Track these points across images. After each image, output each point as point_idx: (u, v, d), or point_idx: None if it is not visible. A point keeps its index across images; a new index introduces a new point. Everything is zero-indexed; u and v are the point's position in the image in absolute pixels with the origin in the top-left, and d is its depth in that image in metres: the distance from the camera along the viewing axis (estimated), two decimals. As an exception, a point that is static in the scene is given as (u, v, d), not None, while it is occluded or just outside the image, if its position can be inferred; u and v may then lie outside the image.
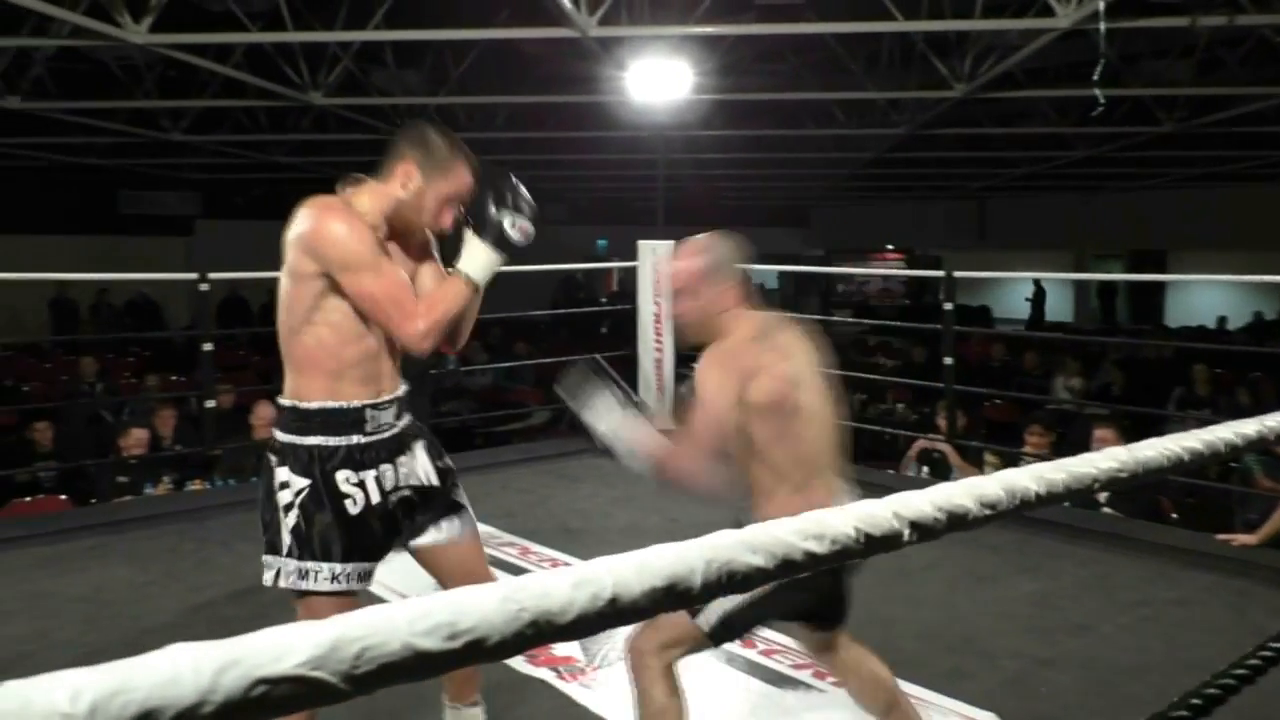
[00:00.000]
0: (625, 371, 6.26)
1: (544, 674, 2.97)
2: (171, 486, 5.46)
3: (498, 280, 2.15)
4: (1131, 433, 4.57)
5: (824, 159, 13.88)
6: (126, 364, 11.04)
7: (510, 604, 0.40)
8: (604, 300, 19.53)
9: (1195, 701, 0.89)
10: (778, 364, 2.09)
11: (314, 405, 2.01)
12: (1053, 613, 3.48)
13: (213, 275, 5.11)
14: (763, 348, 2.11)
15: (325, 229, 1.95)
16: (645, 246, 6.17)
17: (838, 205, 22.74)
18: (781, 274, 22.30)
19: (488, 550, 4.16)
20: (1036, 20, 6.49)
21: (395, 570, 2.24)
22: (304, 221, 1.96)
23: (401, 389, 2.14)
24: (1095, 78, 5.43)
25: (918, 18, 6.96)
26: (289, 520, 1.99)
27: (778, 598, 2.02)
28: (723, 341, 2.13)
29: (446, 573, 2.19)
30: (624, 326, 6.54)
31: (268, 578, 2.03)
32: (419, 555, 2.19)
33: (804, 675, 2.98)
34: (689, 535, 0.51)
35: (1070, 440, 6.01)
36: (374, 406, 2.04)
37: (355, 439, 2.02)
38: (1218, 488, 5.72)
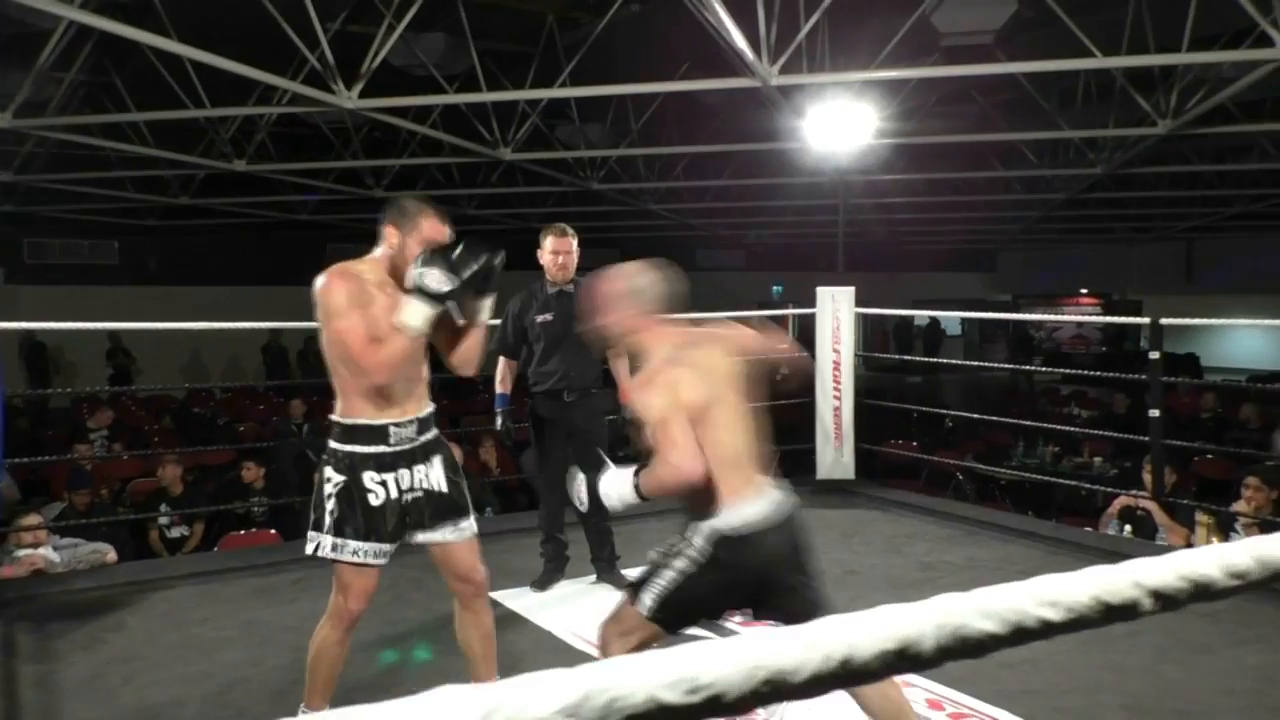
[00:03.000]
0: (804, 418, 6.19)
1: (724, 725, 2.94)
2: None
3: None
4: (1371, 495, 4.14)
5: (1012, 200, 13.39)
6: (330, 405, 11.75)
7: (747, 662, 0.40)
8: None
9: None
10: (690, 378, 2.33)
11: (351, 421, 2.57)
12: (1281, 691, 3.17)
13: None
14: (677, 365, 2.34)
15: (318, 287, 2.49)
16: (824, 293, 6.10)
17: (1027, 248, 21.82)
18: (965, 320, 21.56)
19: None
20: (1253, 51, 6.07)
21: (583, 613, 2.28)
22: (315, 285, 2.51)
23: (426, 410, 2.67)
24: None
25: (1118, 53, 6.65)
26: (329, 506, 2.55)
27: (692, 583, 2.29)
28: (646, 365, 2.41)
29: (444, 564, 2.73)
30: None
31: (309, 548, 2.60)
32: (427, 547, 2.71)
33: (937, 715, 2.82)
34: (870, 585, 0.50)
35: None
36: (397, 424, 2.58)
37: (381, 448, 2.57)
38: None
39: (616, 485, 2.44)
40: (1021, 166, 10.94)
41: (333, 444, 2.60)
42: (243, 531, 5.69)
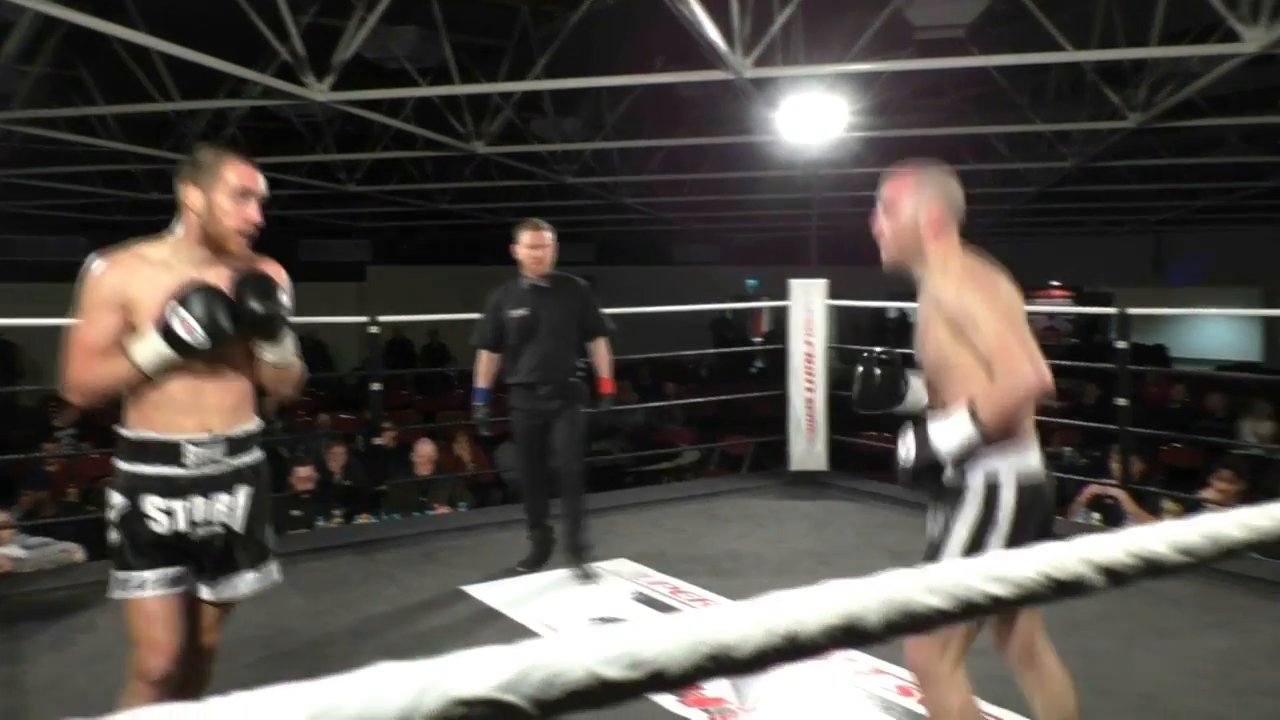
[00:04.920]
0: (776, 411, 6.21)
1: (695, 714, 2.95)
2: (341, 519, 5.73)
3: (650, 320, 2.25)
4: (1334, 482, 4.21)
5: (984, 194, 13.47)
6: (303, 403, 11.69)
7: (691, 637, 0.40)
8: (756, 340, 19.45)
9: None
10: (1012, 291, 2.09)
11: (133, 435, 2.14)
12: (1245, 672, 3.22)
13: (381, 319, 5.37)
14: (985, 271, 2.10)
15: (81, 274, 2.11)
16: (797, 286, 6.13)
17: (999, 241, 21.99)
18: (939, 313, 21.59)
19: (637, 587, 4.19)
20: (1220, 46, 6.13)
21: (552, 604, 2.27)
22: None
23: (241, 429, 2.21)
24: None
25: (1088, 47, 6.70)
26: (112, 536, 2.16)
27: (998, 538, 2.01)
28: (945, 266, 2.11)
29: (198, 623, 2.25)
30: (776, 366, 6.50)
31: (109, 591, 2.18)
32: (196, 590, 2.23)
33: (908, 701, 2.85)
34: (841, 575, 0.50)
35: (1262, 489, 5.58)
36: (195, 442, 2.13)
37: (169, 470, 2.12)
38: None
39: (951, 430, 2.02)
40: (993, 160, 11.01)
41: (115, 462, 2.18)
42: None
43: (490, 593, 4.11)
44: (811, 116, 7.95)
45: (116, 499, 2.16)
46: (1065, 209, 16.02)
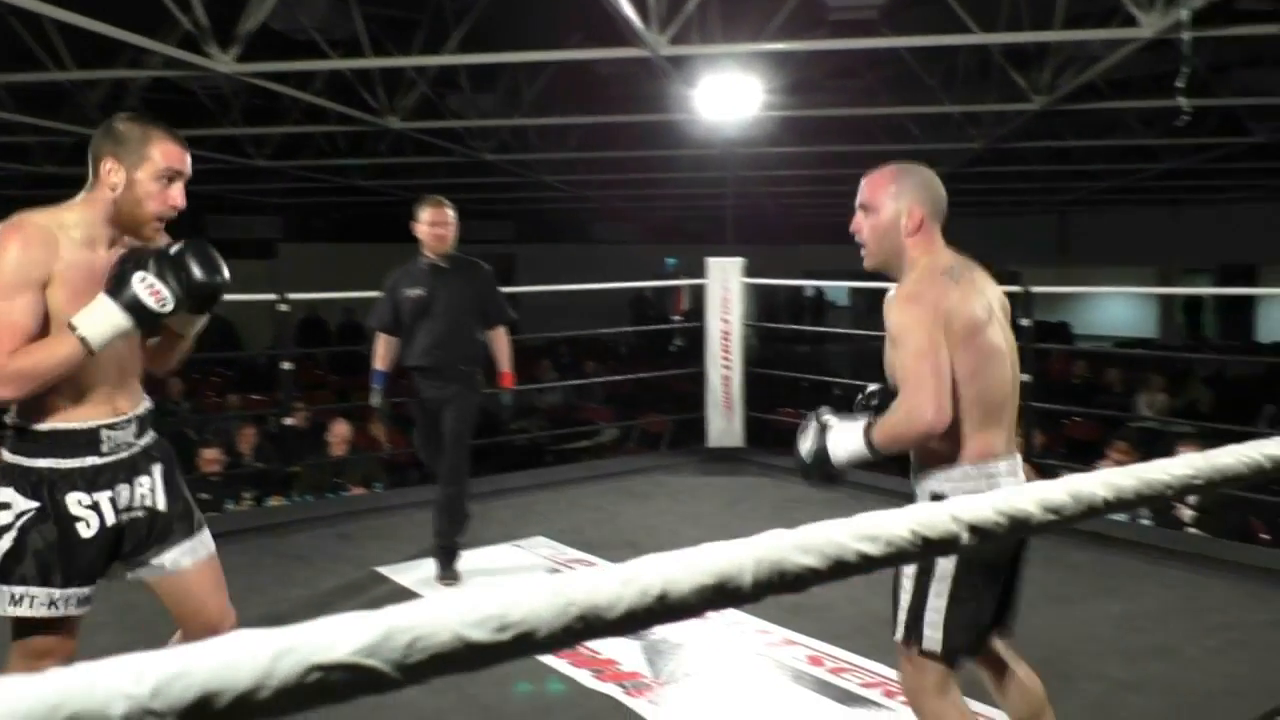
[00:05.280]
0: (695, 388, 6.26)
1: (611, 689, 2.97)
2: (252, 502, 5.61)
3: (569, 299, 2.14)
4: (1220, 452, 4.41)
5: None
6: (211, 384, 11.39)
7: (560, 599, 0.40)
8: (675, 319, 19.54)
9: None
10: (969, 299, 2.01)
11: (44, 427, 1.93)
12: (1135, 635, 3.37)
13: (291, 296, 5.25)
14: (952, 280, 2.02)
15: None
16: (714, 264, 6.17)
17: (912, 221, 22.43)
18: (853, 291, 21.99)
19: (555, 566, 4.20)
20: (1119, 30, 6.33)
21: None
22: None
23: (144, 406, 2.08)
24: (1179, 86, 5.28)
25: (995, 30, 6.85)
26: (2, 544, 1.90)
27: (965, 584, 1.98)
28: (910, 274, 2.05)
29: (176, 599, 2.11)
30: (694, 345, 6.55)
31: None
32: (147, 584, 2.10)
33: (873, 694, 2.93)
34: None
35: (1155, 459, 5.82)
36: (110, 426, 1.98)
37: (91, 460, 1.95)
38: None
39: (844, 438, 2.02)
40: (906, 141, 11.20)
41: (13, 459, 1.93)
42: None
43: (406, 574, 4.07)
44: (728, 95, 7.99)
45: (16, 499, 1.91)
46: (975, 190, 16.42)
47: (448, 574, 3.99)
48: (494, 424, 8.61)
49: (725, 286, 6.11)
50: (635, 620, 0.42)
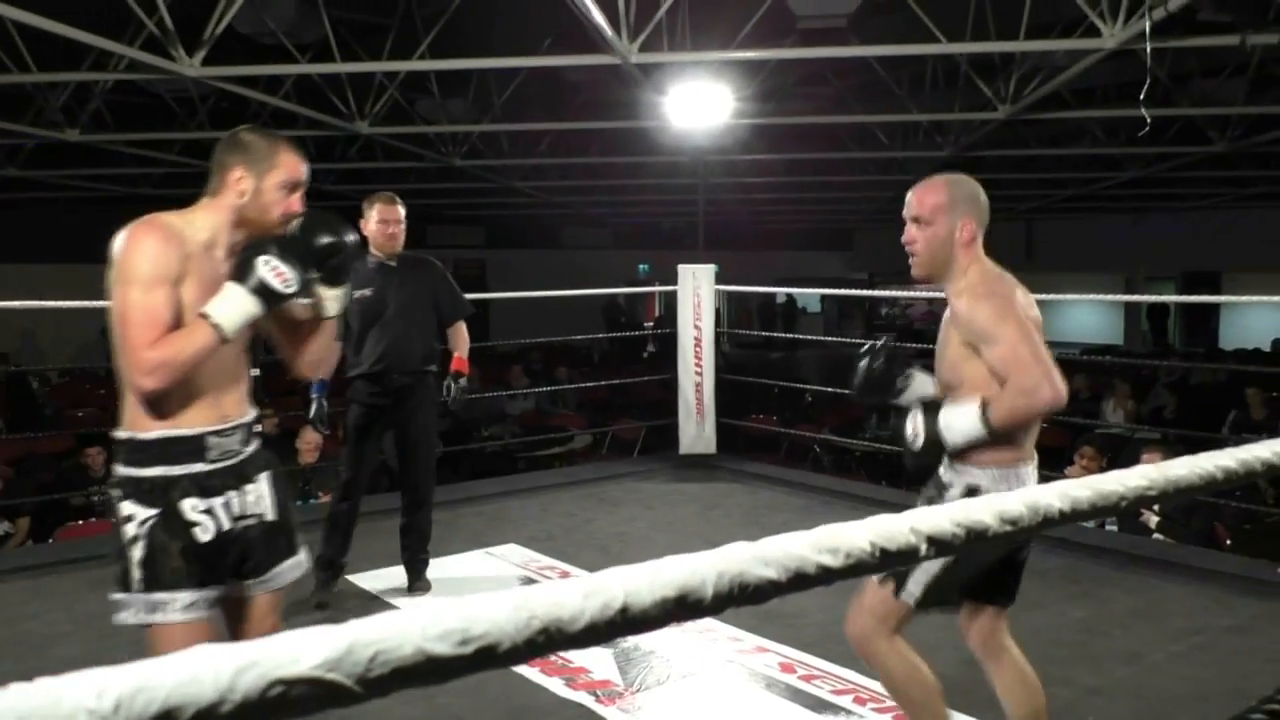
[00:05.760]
0: (667, 395, 6.27)
1: (582, 698, 2.97)
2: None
3: (541, 305, 2.16)
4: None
5: (867, 182, 13.82)
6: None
7: (522, 612, 0.40)
8: (647, 325, 19.57)
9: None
10: (1029, 301, 2.13)
11: (151, 436, 1.96)
12: (1102, 640, 3.41)
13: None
14: (1006, 282, 2.13)
15: (118, 244, 1.91)
16: (685, 271, 6.19)
17: (882, 228, 22.63)
18: (824, 297, 22.17)
19: (526, 572, 4.19)
20: (1082, 40, 6.43)
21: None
22: (115, 241, 1.93)
23: (250, 414, 2.12)
24: (1141, 98, 5.36)
25: (961, 39, 6.93)
26: (135, 555, 1.94)
27: (965, 557, 2.05)
28: (964, 278, 2.14)
29: (248, 615, 2.13)
30: (666, 351, 6.56)
31: (119, 617, 1.97)
32: (240, 592, 2.10)
33: (843, 700, 2.95)
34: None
35: (1121, 465, 5.90)
36: (217, 433, 2.01)
37: (198, 467, 1.99)
38: (1277, 513, 5.58)
39: (959, 419, 2.08)
40: (874, 148, 11.30)
41: (126, 470, 1.97)
42: (81, 522, 5.39)
43: (375, 581, 4.05)
44: (698, 103, 8.02)
45: (138, 510, 1.94)
46: (943, 197, 16.56)
47: (419, 583, 3.96)
48: (465, 431, 8.59)
49: (697, 293, 6.13)
50: (597, 633, 0.42)
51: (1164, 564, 4.16)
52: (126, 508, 1.96)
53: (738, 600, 0.48)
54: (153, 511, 1.95)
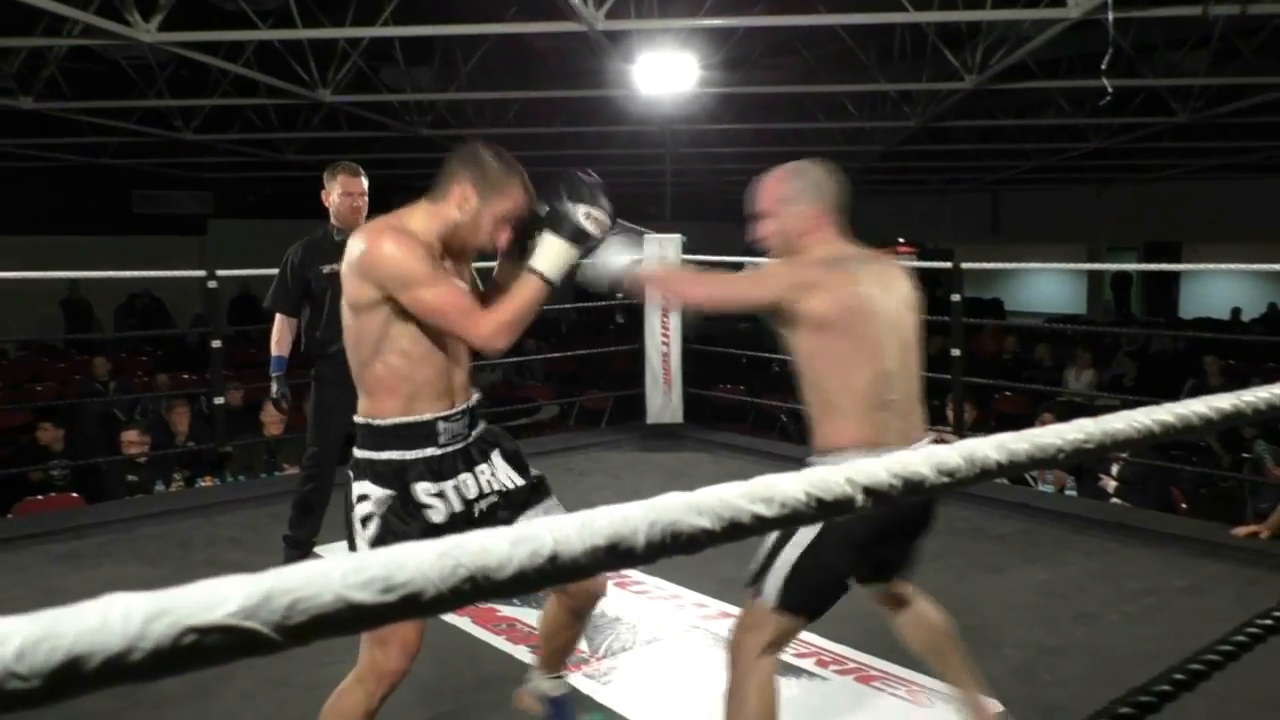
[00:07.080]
0: (635, 365, 6.27)
1: (549, 664, 2.98)
2: (182, 484, 5.50)
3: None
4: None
5: (835, 152, 13.83)
6: (139, 363, 11.12)
7: (447, 560, 0.40)
8: (615, 296, 19.50)
9: (1193, 667, 0.90)
10: (843, 285, 2.04)
11: (388, 422, 2.05)
12: (1059, 602, 3.47)
13: (221, 272, 5.14)
14: (831, 269, 2.07)
15: (380, 251, 1.95)
16: (652, 240, 6.16)
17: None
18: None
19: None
20: (1047, 11, 6.45)
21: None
22: (358, 247, 1.98)
23: (475, 398, 2.19)
24: (1103, 68, 5.39)
25: (929, 9, 6.93)
26: (368, 532, 2.04)
27: (820, 549, 1.98)
28: (808, 256, 2.14)
29: None
30: (634, 322, 6.55)
31: None
32: None
33: (806, 664, 2.98)
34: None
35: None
36: (446, 419, 2.08)
37: (430, 451, 2.06)
38: (1232, 477, 5.69)
39: (615, 253, 2.16)
40: (843, 118, 11.30)
41: (362, 453, 2.07)
42: (40, 496, 5.33)
43: (342, 553, 4.03)
44: (665, 71, 7.97)
45: (373, 489, 2.03)
46: (911, 168, 16.63)
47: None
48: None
49: (664, 263, 6.11)
50: (526, 581, 0.42)
51: (1121, 527, 4.23)
52: (361, 487, 2.05)
53: (670, 549, 0.48)
54: (388, 492, 2.03)
